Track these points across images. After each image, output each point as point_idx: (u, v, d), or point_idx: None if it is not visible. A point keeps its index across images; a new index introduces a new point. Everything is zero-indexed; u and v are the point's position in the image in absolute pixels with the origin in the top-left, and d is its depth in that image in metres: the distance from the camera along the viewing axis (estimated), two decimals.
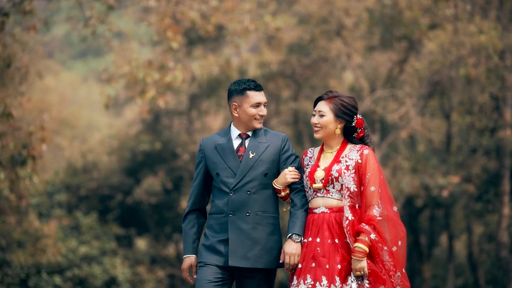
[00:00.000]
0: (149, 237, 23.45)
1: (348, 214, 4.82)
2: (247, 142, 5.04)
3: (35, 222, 17.51)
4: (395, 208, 4.91)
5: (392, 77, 19.04)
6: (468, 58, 14.84)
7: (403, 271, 4.87)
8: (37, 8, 12.03)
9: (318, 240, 4.85)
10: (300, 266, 4.85)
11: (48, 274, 18.28)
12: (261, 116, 5.03)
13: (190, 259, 5.05)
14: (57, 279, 18.30)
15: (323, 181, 4.90)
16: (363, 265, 4.75)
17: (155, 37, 13.26)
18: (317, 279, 4.76)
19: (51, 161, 23.23)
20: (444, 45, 15.75)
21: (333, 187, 4.90)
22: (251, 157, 4.98)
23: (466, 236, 21.62)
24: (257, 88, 5.02)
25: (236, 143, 5.05)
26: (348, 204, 4.84)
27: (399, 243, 4.83)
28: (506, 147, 15.96)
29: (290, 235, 4.91)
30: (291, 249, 4.87)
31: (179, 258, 22.02)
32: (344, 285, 4.76)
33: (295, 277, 4.86)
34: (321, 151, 5.07)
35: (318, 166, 4.97)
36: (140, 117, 22.49)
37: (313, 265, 4.80)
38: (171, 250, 23.35)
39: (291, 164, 5.02)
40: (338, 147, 4.99)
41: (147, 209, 22.63)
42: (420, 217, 22.08)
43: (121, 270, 19.45)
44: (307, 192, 4.99)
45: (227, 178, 4.97)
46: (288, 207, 5.08)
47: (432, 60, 16.35)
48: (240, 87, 5.01)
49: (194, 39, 19.78)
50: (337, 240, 4.83)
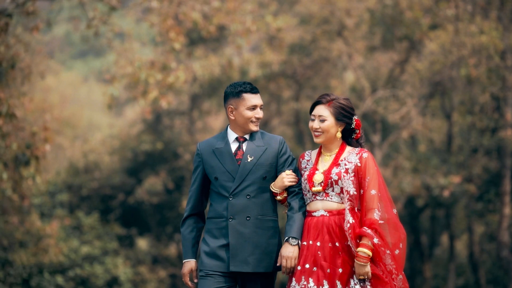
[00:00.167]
0: (150, 237, 23.46)
1: (349, 217, 4.79)
2: (244, 146, 5.00)
3: (37, 222, 17.55)
4: (394, 211, 4.90)
5: (393, 77, 19.07)
6: (469, 58, 14.86)
7: (402, 273, 4.87)
8: (40, 8, 12.05)
9: (319, 243, 4.83)
10: (299, 268, 4.83)
11: (50, 274, 18.31)
12: (257, 119, 4.99)
13: (190, 263, 5.02)
14: (59, 279, 18.33)
15: (322, 184, 4.87)
16: (367, 269, 4.73)
17: (157, 38, 13.27)
18: (319, 283, 4.75)
19: (52, 161, 23.24)
20: (445, 45, 15.76)
21: (333, 190, 4.87)
22: (249, 160, 4.95)
23: (467, 236, 21.64)
24: (253, 90, 4.98)
25: (233, 146, 5.01)
26: (348, 207, 4.83)
27: (400, 245, 4.82)
28: (507, 147, 15.98)
29: (287, 238, 4.88)
30: (288, 252, 4.86)
31: (181, 258, 21.99)
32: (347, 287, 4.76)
33: (294, 279, 4.85)
34: (319, 154, 5.03)
35: (317, 169, 4.93)
36: (142, 117, 22.54)
37: (315, 269, 4.79)
38: (172, 250, 23.35)
39: (288, 166, 4.99)
40: (336, 150, 4.96)
41: (149, 209, 22.66)
42: (421, 217, 22.09)
43: (123, 270, 19.47)
44: (306, 195, 4.96)
45: (226, 182, 4.94)
46: (286, 210, 5.04)
47: (433, 60, 16.35)
48: (236, 90, 4.97)
49: (195, 39, 19.77)
50: (337, 244, 4.81)
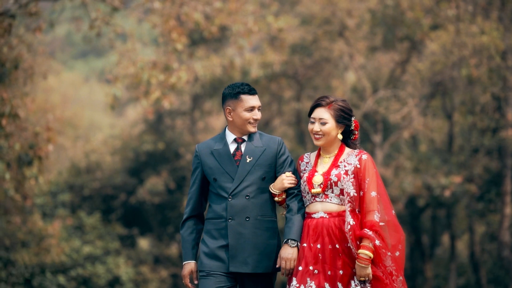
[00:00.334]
0: (152, 237, 23.50)
1: (349, 219, 4.79)
2: (243, 147, 4.99)
3: (39, 222, 17.62)
4: (393, 212, 4.90)
5: (394, 77, 19.10)
6: (470, 58, 14.87)
7: (403, 274, 4.88)
8: (42, 9, 12.07)
9: (319, 246, 4.83)
10: (300, 268, 4.83)
11: (52, 273, 18.36)
12: (255, 120, 4.98)
13: (190, 265, 5.02)
14: (61, 279, 18.37)
15: (321, 186, 4.87)
16: (368, 271, 4.75)
17: (160, 39, 13.29)
18: (320, 285, 4.76)
19: (54, 161, 23.27)
20: (446, 45, 15.78)
21: (332, 192, 4.87)
22: (248, 161, 4.94)
23: (468, 236, 21.67)
24: (251, 92, 4.97)
25: (232, 147, 5.00)
26: (349, 209, 4.82)
27: (399, 247, 4.83)
28: (508, 147, 16.01)
29: (286, 240, 4.88)
30: (287, 254, 4.86)
31: (182, 257, 21.99)
32: None
33: (295, 279, 4.84)
34: (318, 156, 5.02)
35: (316, 171, 4.93)
36: (143, 117, 22.58)
37: (316, 272, 4.80)
38: (174, 250, 23.38)
39: (287, 167, 4.99)
40: (335, 152, 4.97)
41: (150, 209, 22.69)
42: (422, 217, 22.12)
43: (124, 270, 19.51)
44: (305, 197, 4.95)
45: (225, 183, 4.93)
46: (285, 211, 5.04)
47: (434, 60, 16.38)
48: (234, 91, 4.96)
49: (196, 40, 19.79)
50: (337, 246, 4.81)
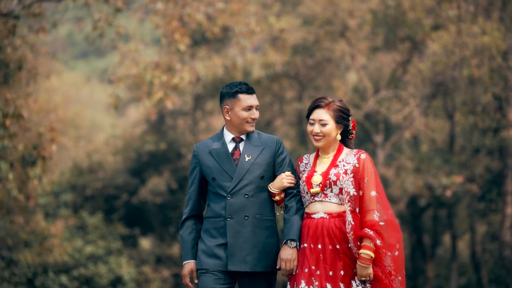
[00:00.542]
0: (154, 237, 23.54)
1: (350, 219, 4.79)
2: (241, 146, 4.99)
3: (42, 222, 17.66)
4: (391, 212, 4.92)
5: (396, 77, 19.14)
6: (471, 58, 14.90)
7: (403, 274, 4.90)
8: (45, 9, 12.11)
9: (320, 246, 4.83)
10: (306, 270, 4.83)
11: (55, 273, 18.39)
12: (253, 119, 4.97)
13: (190, 264, 5.02)
14: (64, 278, 18.41)
15: (320, 185, 4.87)
16: (369, 271, 4.77)
17: (163, 40, 13.33)
18: (322, 286, 4.78)
19: (56, 161, 23.32)
20: (447, 46, 15.81)
21: (331, 191, 4.87)
22: (247, 160, 4.94)
23: (469, 236, 21.70)
24: (249, 91, 4.96)
25: (230, 146, 4.99)
26: (349, 208, 4.82)
27: (397, 246, 4.85)
28: (509, 147, 16.04)
29: (285, 241, 4.88)
30: (286, 255, 4.85)
31: (182, 257, 22.01)
32: None
33: (303, 281, 4.84)
34: (317, 156, 5.04)
35: (315, 171, 4.94)
36: (145, 117, 22.62)
37: (318, 272, 4.81)
38: (175, 250, 23.42)
39: (286, 167, 4.99)
40: (334, 152, 4.98)
41: (152, 209, 22.73)
42: (423, 217, 22.16)
43: (126, 270, 19.55)
44: (304, 197, 4.95)
45: (224, 182, 4.92)
46: (282, 211, 5.04)
47: (436, 60, 16.42)
48: (232, 90, 4.95)
49: (198, 40, 19.83)
50: (338, 246, 4.81)
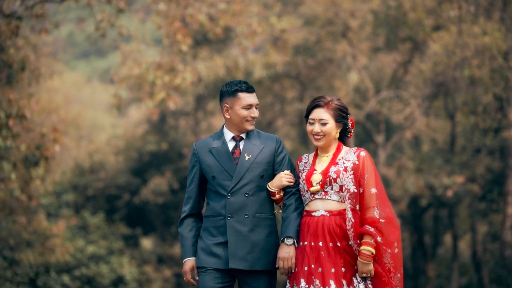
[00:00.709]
0: (155, 237, 23.57)
1: (350, 216, 4.82)
2: (241, 144, 4.99)
3: (44, 222, 17.70)
4: (389, 209, 4.94)
5: (397, 78, 19.16)
6: (472, 59, 14.91)
7: (402, 271, 4.94)
8: (47, 10, 12.15)
9: (321, 244, 4.86)
10: (306, 268, 4.85)
11: (57, 273, 18.43)
12: (253, 118, 4.97)
13: (190, 261, 5.02)
14: (66, 278, 18.45)
15: (320, 183, 4.88)
16: (370, 268, 4.81)
17: (165, 40, 13.37)
18: (325, 283, 4.80)
19: (58, 161, 23.37)
20: (448, 46, 15.83)
21: (331, 189, 4.89)
22: (247, 159, 4.94)
23: (470, 236, 21.72)
24: (249, 90, 4.96)
25: (230, 145, 4.99)
26: (349, 206, 4.84)
27: (395, 244, 4.88)
28: (510, 147, 16.07)
29: (282, 239, 4.90)
30: (283, 253, 4.87)
31: (182, 255, 22.02)
32: (351, 286, 4.81)
33: (303, 280, 4.86)
34: (316, 155, 5.05)
35: (315, 170, 4.96)
36: (147, 117, 22.66)
37: (320, 270, 4.83)
38: (177, 250, 23.44)
39: (285, 166, 5.00)
40: (333, 151, 5.00)
41: (154, 209, 22.77)
42: (424, 217, 22.18)
43: (128, 269, 19.58)
44: (304, 196, 4.97)
45: (224, 180, 4.92)
46: (281, 210, 5.04)
47: (437, 61, 16.44)
48: (232, 89, 4.95)
49: (200, 40, 19.86)
50: (339, 244, 4.84)
